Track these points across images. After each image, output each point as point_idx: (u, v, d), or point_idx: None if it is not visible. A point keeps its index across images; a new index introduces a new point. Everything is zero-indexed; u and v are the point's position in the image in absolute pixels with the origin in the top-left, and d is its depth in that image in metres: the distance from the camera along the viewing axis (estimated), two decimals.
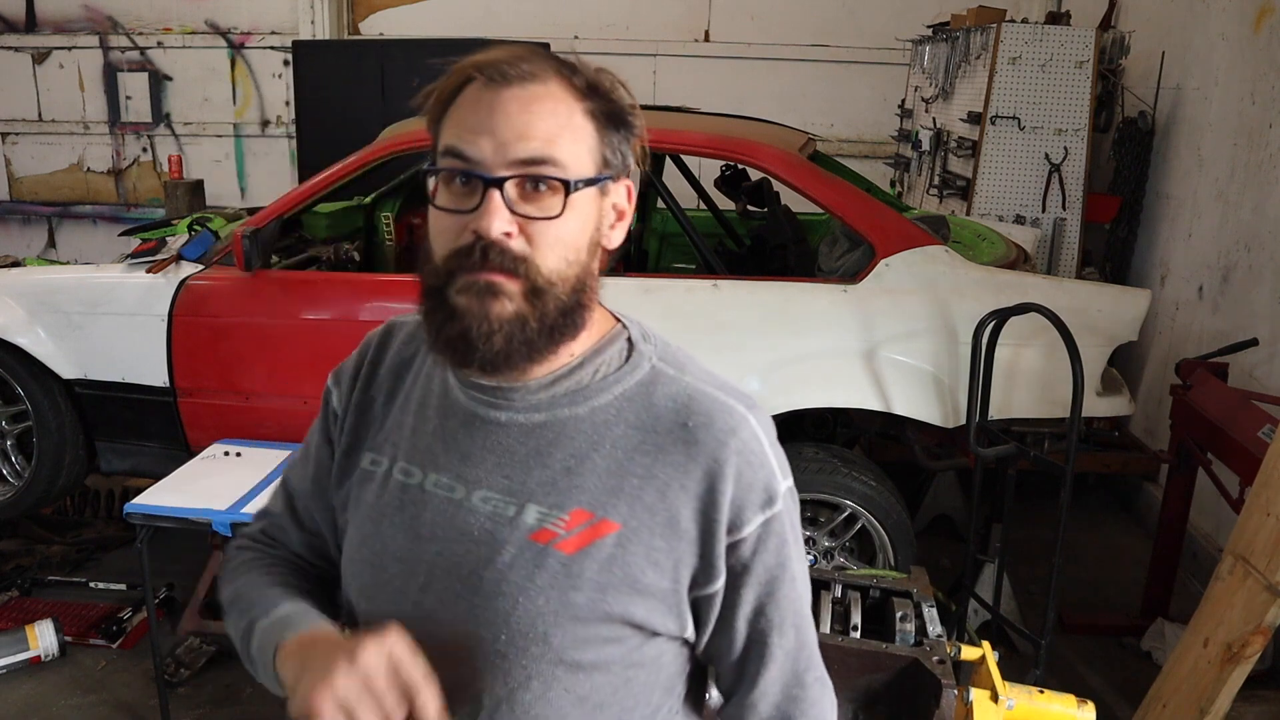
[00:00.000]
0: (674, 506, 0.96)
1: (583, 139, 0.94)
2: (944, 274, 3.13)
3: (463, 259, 0.91)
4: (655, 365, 1.01)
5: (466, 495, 1.00)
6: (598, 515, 0.96)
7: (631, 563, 0.96)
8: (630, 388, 1.00)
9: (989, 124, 4.57)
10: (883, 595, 2.30)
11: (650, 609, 0.98)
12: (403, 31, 6.94)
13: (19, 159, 7.65)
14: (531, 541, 0.97)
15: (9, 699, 3.08)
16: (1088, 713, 2.04)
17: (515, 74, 0.91)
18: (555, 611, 0.96)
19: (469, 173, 0.91)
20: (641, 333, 1.04)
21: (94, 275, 3.46)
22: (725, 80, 6.75)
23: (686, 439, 0.97)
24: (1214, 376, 3.27)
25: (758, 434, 0.99)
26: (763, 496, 0.98)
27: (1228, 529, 2.87)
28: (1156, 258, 4.64)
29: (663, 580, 0.97)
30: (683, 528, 0.97)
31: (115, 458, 3.55)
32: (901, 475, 3.68)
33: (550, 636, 0.96)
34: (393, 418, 1.08)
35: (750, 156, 3.30)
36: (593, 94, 0.95)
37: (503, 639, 0.97)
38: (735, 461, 0.97)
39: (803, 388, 3.10)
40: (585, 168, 0.94)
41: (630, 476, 0.97)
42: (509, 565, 0.97)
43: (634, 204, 1.02)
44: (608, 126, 0.96)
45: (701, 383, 1.01)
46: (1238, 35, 4.00)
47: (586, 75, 0.95)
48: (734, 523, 0.97)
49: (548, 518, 0.97)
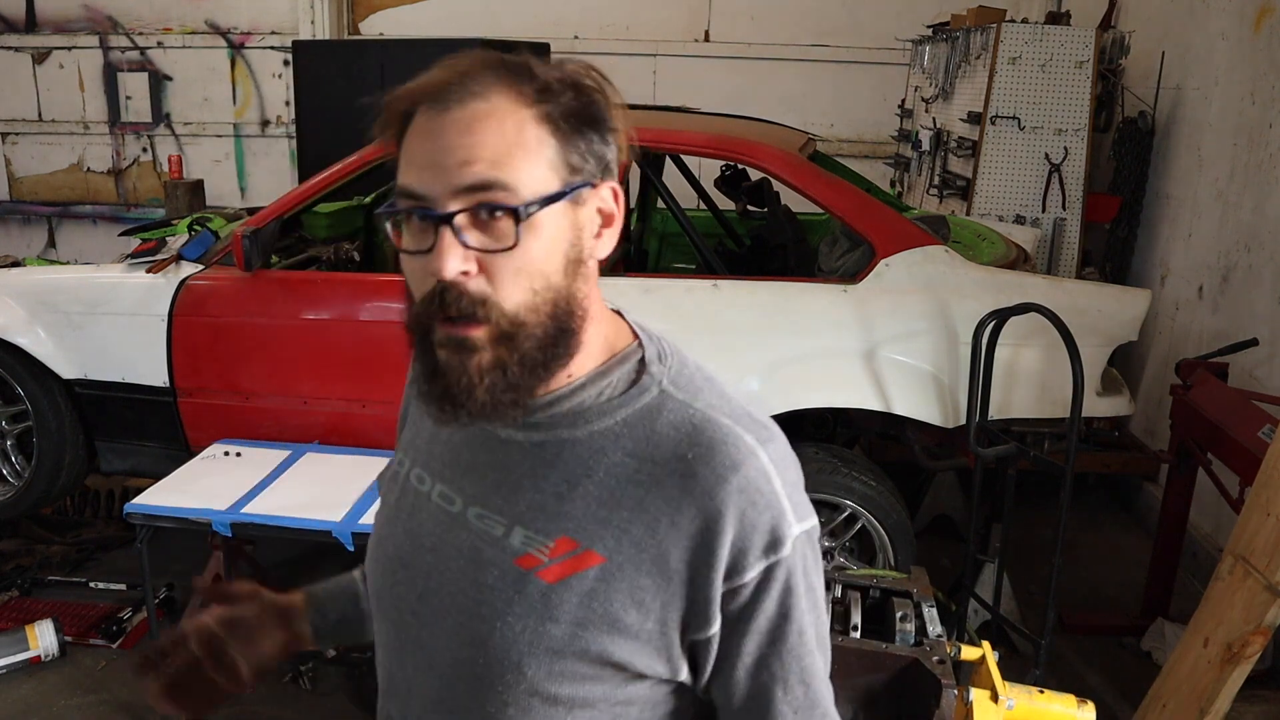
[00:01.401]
0: (664, 544, 0.89)
1: (538, 151, 0.85)
2: (944, 274, 3.13)
3: (430, 306, 0.86)
4: (664, 389, 0.93)
5: (463, 509, 0.97)
6: (582, 546, 0.90)
7: (614, 600, 0.89)
8: (634, 413, 0.92)
9: (989, 124, 4.57)
10: (883, 595, 2.30)
11: (632, 650, 0.91)
12: (403, 31, 6.94)
13: (19, 159, 7.65)
14: (515, 565, 0.92)
15: (9, 699, 3.08)
16: (1088, 713, 2.04)
17: (455, 96, 0.84)
18: (530, 642, 0.91)
19: (421, 211, 0.84)
20: (659, 352, 0.96)
21: (94, 275, 3.46)
22: (725, 80, 6.76)
23: (683, 472, 0.89)
24: (1214, 376, 3.27)
25: (767, 471, 0.89)
26: (766, 540, 0.89)
27: (1228, 529, 2.87)
28: (1156, 258, 4.64)
29: (647, 621, 0.90)
30: (672, 568, 0.89)
31: (115, 458, 3.55)
32: (901, 475, 3.68)
33: (524, 667, 0.91)
34: (421, 420, 1.06)
35: (750, 156, 3.30)
36: (548, 97, 0.85)
37: (480, 662, 0.93)
38: (737, 501, 0.88)
39: (803, 388, 3.10)
40: (544, 183, 0.85)
41: (620, 508, 0.90)
42: (491, 588, 0.93)
43: (623, 205, 0.93)
44: (573, 130, 0.86)
45: (712, 410, 0.92)
46: (1238, 35, 4.00)
47: (542, 78, 0.86)
48: (732, 567, 0.89)
49: (533, 542, 0.92)
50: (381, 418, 3.19)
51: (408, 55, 5.49)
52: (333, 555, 3.70)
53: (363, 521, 2.64)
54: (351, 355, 3.22)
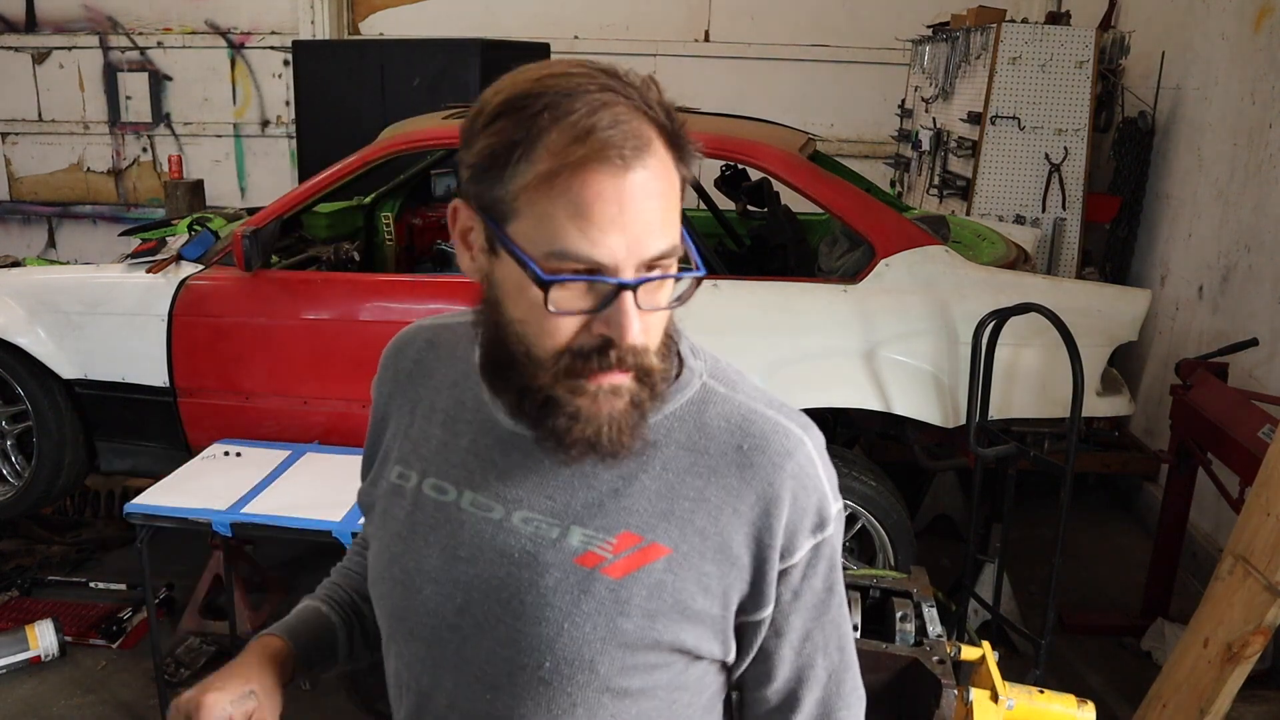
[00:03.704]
0: (726, 531, 0.93)
1: (678, 200, 0.86)
2: (944, 274, 3.13)
3: (583, 361, 0.84)
4: (706, 383, 0.97)
5: (506, 516, 0.95)
6: (647, 539, 0.92)
7: (682, 588, 0.92)
8: (681, 406, 0.95)
9: (989, 124, 4.57)
10: (883, 595, 2.30)
11: (699, 635, 0.94)
12: (403, 31, 6.94)
13: (19, 159, 7.65)
14: (577, 565, 0.92)
15: (9, 699, 3.08)
16: (1088, 713, 2.04)
17: (632, 151, 0.80)
18: (603, 639, 0.92)
19: (601, 279, 0.82)
20: (690, 347, 1.00)
21: (94, 275, 3.46)
22: (725, 80, 6.76)
23: (741, 462, 0.93)
24: (1214, 376, 3.27)
25: (813, 456, 0.96)
26: (815, 520, 0.95)
27: (1228, 529, 2.87)
28: (1156, 258, 4.64)
29: (713, 606, 0.94)
30: (735, 553, 0.93)
31: (115, 458, 3.55)
32: (901, 475, 3.68)
33: (597, 664, 0.92)
34: (418, 429, 1.04)
35: (750, 156, 3.30)
36: (680, 146, 0.86)
37: (546, 665, 0.92)
38: (791, 486, 0.93)
39: (803, 388, 3.10)
40: (679, 234, 0.86)
41: (681, 499, 0.93)
42: (553, 590, 0.92)
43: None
44: (682, 164, 0.87)
45: (755, 402, 0.97)
46: (1238, 35, 4.00)
47: (671, 120, 0.85)
48: (786, 548, 0.94)
49: (594, 541, 0.92)
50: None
51: (408, 55, 5.49)
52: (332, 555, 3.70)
53: (362, 522, 2.64)
54: (351, 355, 3.22)
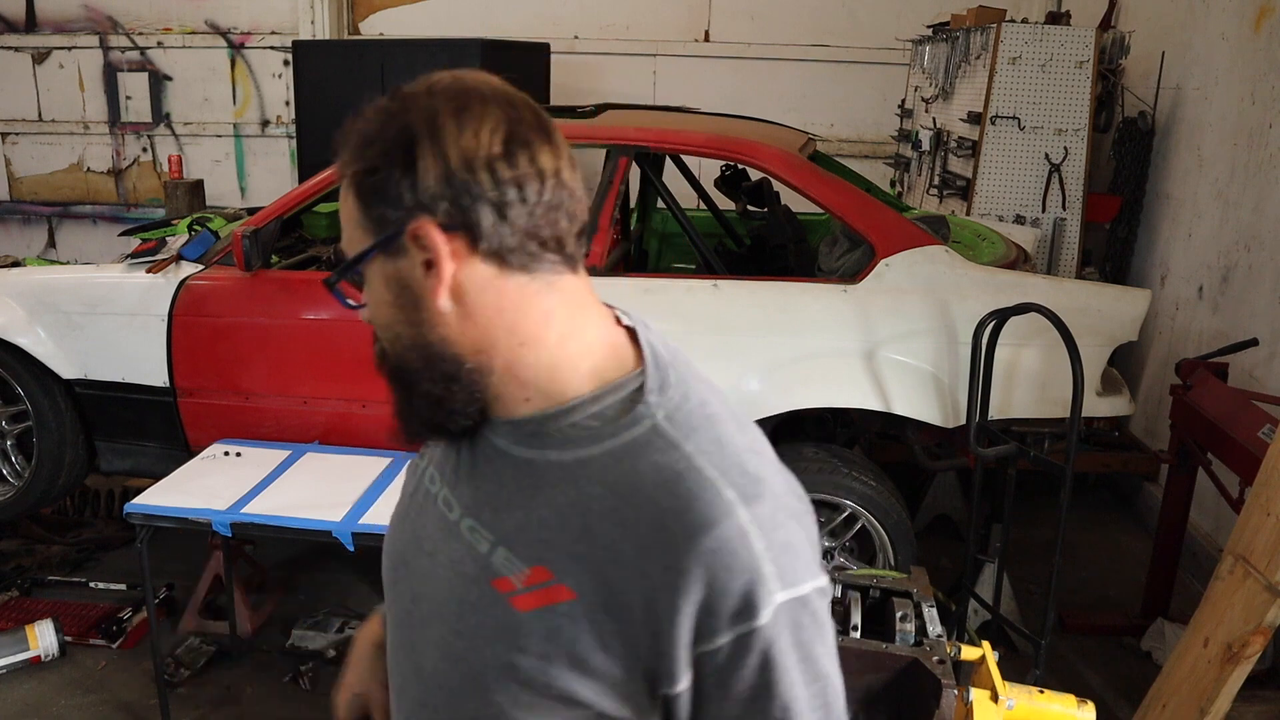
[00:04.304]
0: (630, 592, 0.83)
1: (353, 218, 0.88)
2: (944, 274, 3.13)
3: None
4: (657, 424, 0.87)
5: (459, 519, 0.94)
6: (556, 579, 0.85)
7: (580, 640, 0.84)
8: (620, 444, 0.86)
9: (989, 124, 4.57)
10: (883, 595, 2.30)
11: (598, 692, 0.86)
12: (403, 31, 6.94)
13: (19, 159, 7.65)
14: (492, 587, 0.88)
15: (9, 699, 3.08)
16: (1088, 713, 2.04)
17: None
18: (500, 669, 0.87)
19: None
20: (661, 382, 0.89)
21: (94, 275, 3.46)
22: (725, 80, 6.75)
23: (657, 521, 0.82)
24: (1214, 376, 3.27)
25: (745, 530, 0.82)
26: (737, 605, 0.81)
27: (1228, 529, 2.87)
28: (1156, 258, 4.64)
29: (613, 667, 0.85)
30: (637, 617, 0.83)
31: (115, 458, 3.55)
32: (901, 475, 3.68)
33: (493, 693, 0.88)
34: None
35: (750, 156, 3.30)
36: (350, 162, 0.87)
37: (455, 678, 0.91)
38: (707, 561, 0.81)
39: (803, 388, 3.10)
40: (357, 245, 0.88)
41: (596, 545, 0.84)
42: (472, 605, 0.90)
43: (435, 241, 0.84)
44: (370, 190, 0.85)
45: (700, 456, 0.85)
46: (1238, 35, 4.00)
47: (351, 140, 0.87)
48: (701, 630, 0.82)
49: (511, 566, 0.88)
50: (381, 418, 3.18)
51: (408, 55, 5.50)
52: (333, 555, 3.71)
53: (363, 521, 2.64)
54: (351, 355, 3.22)
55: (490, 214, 0.83)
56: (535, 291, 0.87)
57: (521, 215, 0.84)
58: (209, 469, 2.99)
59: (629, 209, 4.31)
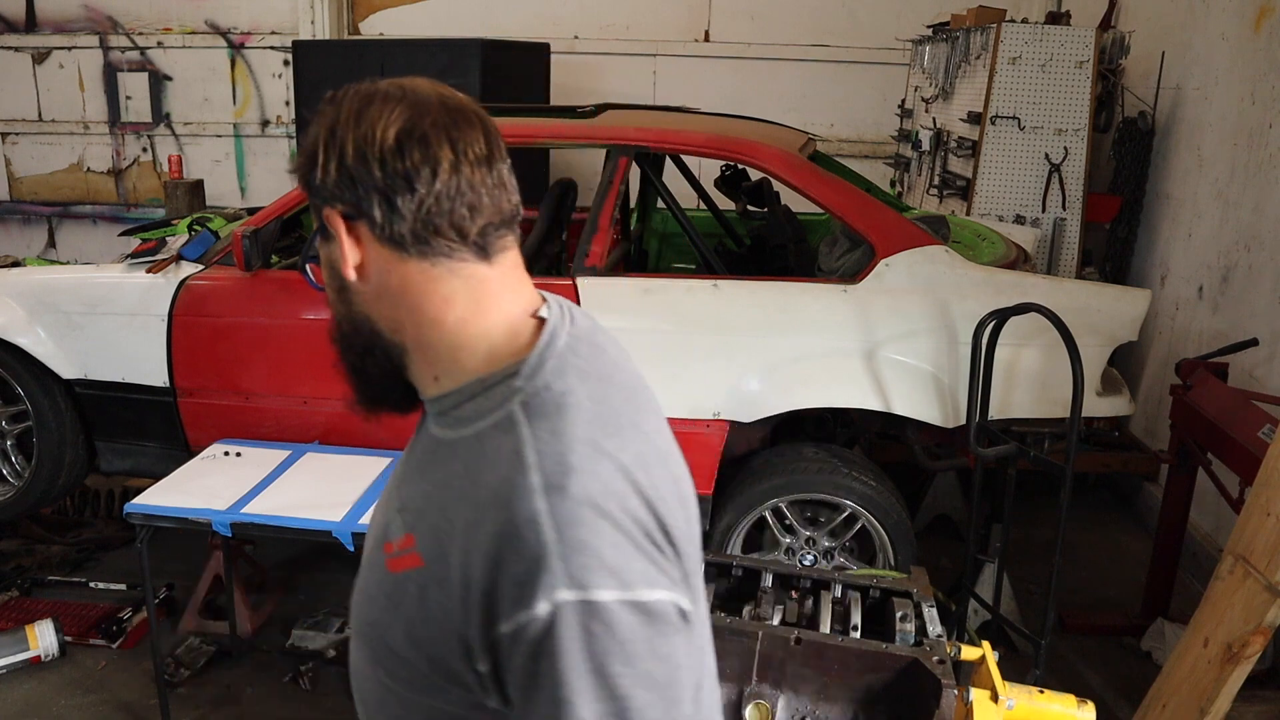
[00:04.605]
0: (455, 567, 0.86)
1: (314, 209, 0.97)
2: (944, 274, 3.13)
3: None
4: (512, 410, 0.90)
5: (392, 493, 1.03)
6: (416, 546, 0.91)
7: (427, 604, 0.89)
8: (484, 428, 0.91)
9: (989, 124, 4.57)
10: (883, 595, 2.30)
11: (442, 662, 0.89)
12: (403, 31, 6.94)
13: (19, 159, 7.65)
14: (383, 550, 0.96)
15: (9, 699, 3.08)
16: (1088, 713, 2.04)
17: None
18: (386, 627, 0.93)
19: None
20: (535, 370, 0.92)
21: (94, 275, 3.46)
22: (725, 80, 6.75)
23: (480, 503, 0.86)
24: (1214, 376, 3.27)
25: (536, 519, 0.82)
26: (515, 592, 0.81)
27: (1228, 529, 2.87)
28: (1156, 258, 4.64)
29: (448, 639, 0.87)
30: (457, 593, 0.86)
31: (115, 458, 3.55)
32: (901, 475, 3.68)
33: (381, 659, 0.95)
34: None
35: (750, 156, 3.30)
36: (300, 165, 0.96)
37: (366, 648, 0.98)
38: (498, 543, 0.82)
39: (803, 388, 3.10)
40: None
41: (446, 520, 0.89)
42: (369, 564, 1.00)
43: (337, 225, 0.93)
44: (302, 183, 0.96)
45: (532, 441, 0.87)
46: (1238, 35, 4.00)
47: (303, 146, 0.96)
48: (489, 613, 0.83)
49: (396, 531, 0.95)
50: (381, 417, 3.18)
51: (408, 55, 5.49)
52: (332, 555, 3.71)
53: (362, 521, 2.64)
54: None
55: (381, 203, 0.90)
56: (436, 276, 0.93)
57: (410, 205, 0.90)
58: (209, 469, 2.99)
59: (629, 209, 4.31)
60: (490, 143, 0.93)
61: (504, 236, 0.95)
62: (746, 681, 2.09)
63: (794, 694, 2.09)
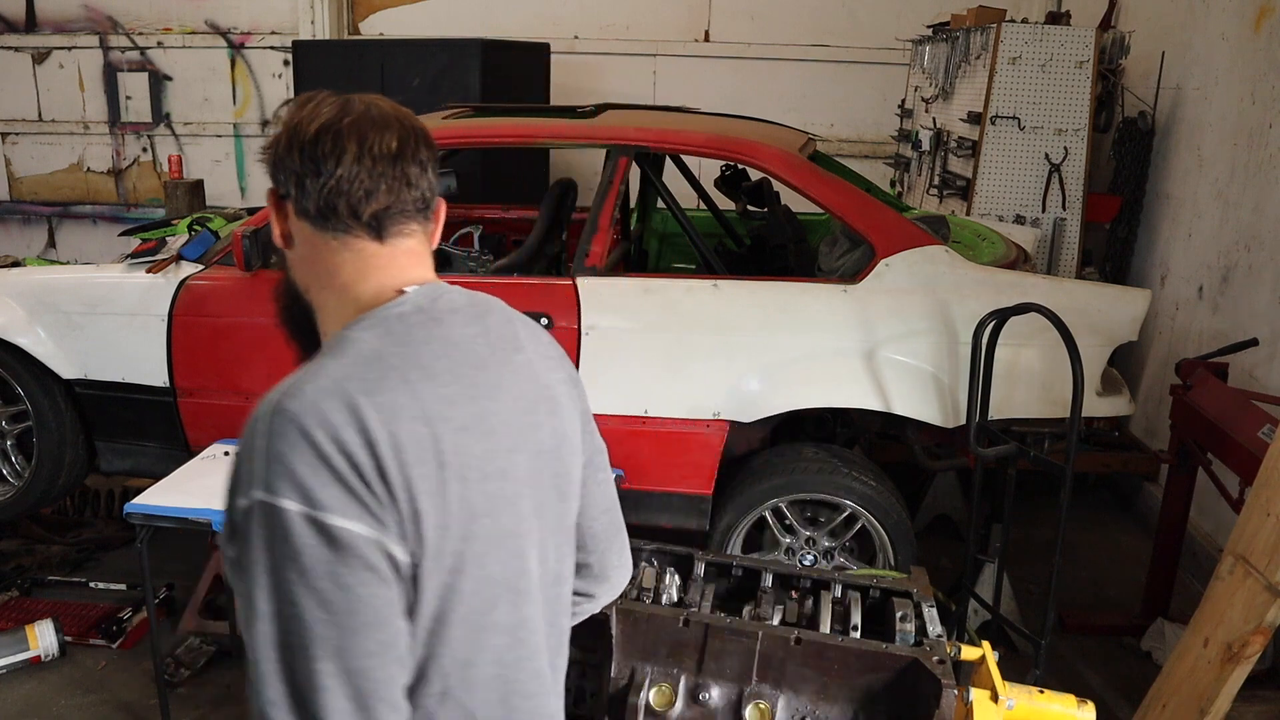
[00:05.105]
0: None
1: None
2: (944, 274, 3.13)
3: None
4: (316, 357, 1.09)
5: None
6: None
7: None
8: None
9: (989, 124, 4.57)
10: (883, 595, 2.30)
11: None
12: (403, 31, 6.94)
13: (19, 159, 7.65)
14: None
15: (9, 699, 3.08)
16: (1088, 713, 2.04)
17: None
18: None
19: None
20: (358, 321, 1.09)
21: (94, 275, 3.46)
22: (725, 80, 6.76)
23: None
24: (1214, 376, 3.27)
25: (257, 425, 0.98)
26: (235, 483, 0.99)
27: (1228, 529, 2.87)
28: (1156, 258, 4.64)
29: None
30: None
31: (115, 458, 3.55)
32: (901, 475, 3.68)
33: None
34: None
35: (750, 156, 3.30)
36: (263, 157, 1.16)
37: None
38: (242, 439, 1.00)
39: (803, 388, 3.10)
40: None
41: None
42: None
43: (272, 203, 1.16)
44: (273, 174, 1.14)
45: (300, 369, 1.04)
46: (1238, 35, 4.00)
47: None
48: (231, 494, 1.00)
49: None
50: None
51: (408, 55, 5.49)
52: None
53: None
54: None
55: (297, 184, 1.10)
56: (334, 248, 1.12)
57: (315, 187, 1.09)
58: (209, 469, 2.99)
59: (629, 209, 4.31)
60: (404, 145, 1.10)
61: (403, 223, 1.13)
62: (746, 681, 2.09)
63: (794, 694, 2.09)
